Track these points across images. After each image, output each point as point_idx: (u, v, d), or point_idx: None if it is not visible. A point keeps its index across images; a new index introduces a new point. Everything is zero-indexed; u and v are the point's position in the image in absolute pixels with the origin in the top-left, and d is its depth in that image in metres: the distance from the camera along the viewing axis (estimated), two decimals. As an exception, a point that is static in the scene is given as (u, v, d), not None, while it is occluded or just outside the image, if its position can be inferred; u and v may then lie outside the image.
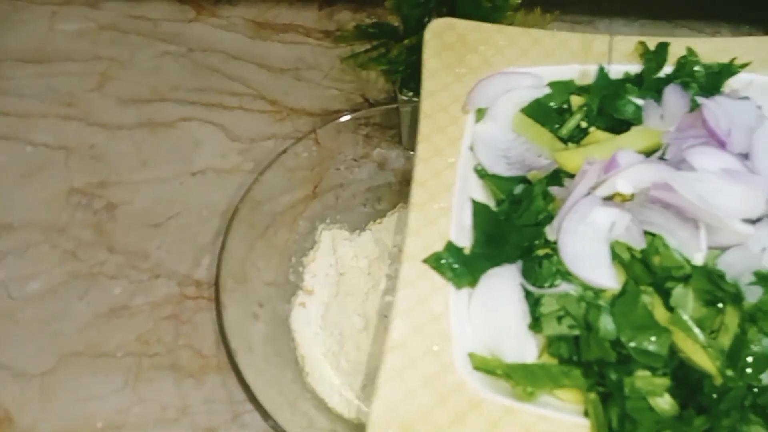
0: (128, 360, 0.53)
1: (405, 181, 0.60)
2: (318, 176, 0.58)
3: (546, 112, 0.49)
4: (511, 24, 0.57)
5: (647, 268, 0.39)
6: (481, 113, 0.48)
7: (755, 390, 0.36)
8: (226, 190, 0.62)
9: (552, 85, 0.50)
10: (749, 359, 0.36)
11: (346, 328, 0.51)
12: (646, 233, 0.40)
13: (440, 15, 0.56)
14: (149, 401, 0.51)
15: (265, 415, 0.41)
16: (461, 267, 0.41)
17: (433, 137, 0.47)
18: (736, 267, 0.39)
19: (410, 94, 0.59)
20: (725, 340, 0.37)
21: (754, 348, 0.36)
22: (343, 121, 0.57)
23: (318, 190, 0.58)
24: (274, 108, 0.69)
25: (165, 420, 0.51)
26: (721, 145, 0.42)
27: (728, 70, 0.49)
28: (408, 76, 0.58)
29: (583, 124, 0.48)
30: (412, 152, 0.59)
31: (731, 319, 0.37)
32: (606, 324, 0.38)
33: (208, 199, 0.62)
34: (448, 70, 0.49)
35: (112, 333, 0.55)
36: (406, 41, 0.55)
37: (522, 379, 0.38)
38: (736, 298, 0.38)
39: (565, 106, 0.50)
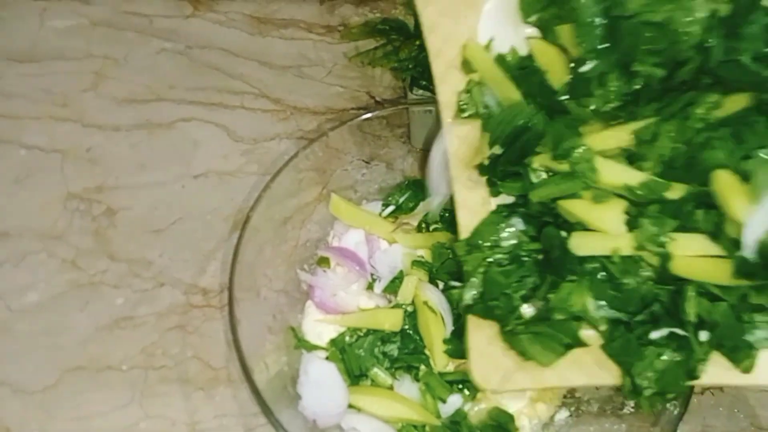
0: (134, 373, 0.51)
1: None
2: (326, 178, 0.56)
3: None
4: None
5: None
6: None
7: None
8: (230, 194, 0.60)
9: None
10: None
11: (361, 337, 0.49)
12: None
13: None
14: (157, 417, 0.49)
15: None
16: None
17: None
18: None
19: (420, 92, 0.57)
20: None
21: None
22: (354, 122, 0.55)
23: (326, 192, 0.56)
24: (277, 107, 0.66)
25: (174, 436, 0.49)
26: None
27: None
28: (418, 74, 0.56)
29: None
30: (421, 150, 0.58)
31: None
32: None
33: (211, 204, 0.60)
34: (444, 14, 0.43)
35: (115, 345, 0.52)
36: (417, 41, 0.53)
37: None
38: None
39: None
